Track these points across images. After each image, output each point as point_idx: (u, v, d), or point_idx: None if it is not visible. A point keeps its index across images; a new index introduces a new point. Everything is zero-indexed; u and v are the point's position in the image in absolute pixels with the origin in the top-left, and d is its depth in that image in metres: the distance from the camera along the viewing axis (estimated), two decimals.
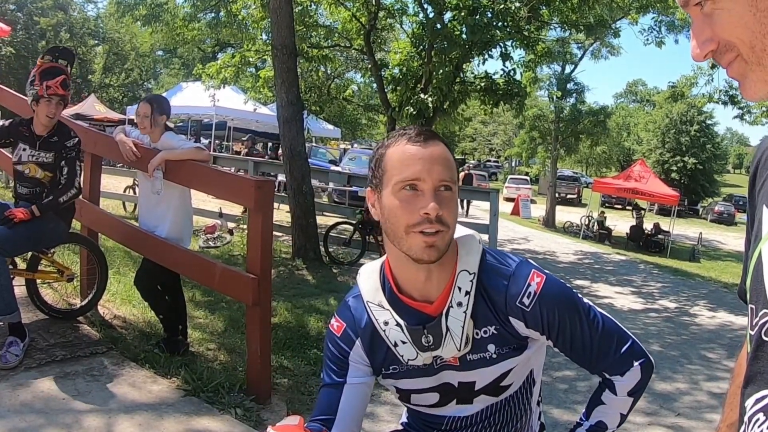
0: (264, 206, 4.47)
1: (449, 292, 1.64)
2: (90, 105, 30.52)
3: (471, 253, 1.68)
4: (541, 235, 24.79)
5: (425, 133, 1.62)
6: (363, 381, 1.79)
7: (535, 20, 15.39)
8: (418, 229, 1.54)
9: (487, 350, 1.69)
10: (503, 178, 53.24)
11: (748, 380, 0.98)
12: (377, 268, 1.78)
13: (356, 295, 1.80)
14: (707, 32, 0.95)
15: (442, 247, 1.56)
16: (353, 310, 1.79)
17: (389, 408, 4.75)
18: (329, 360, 1.82)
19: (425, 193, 1.54)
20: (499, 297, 1.65)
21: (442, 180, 1.56)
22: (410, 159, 1.56)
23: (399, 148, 1.60)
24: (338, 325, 1.80)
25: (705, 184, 54.40)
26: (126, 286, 6.53)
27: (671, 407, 5.77)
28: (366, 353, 1.77)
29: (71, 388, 4.14)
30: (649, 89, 69.07)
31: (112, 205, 13.04)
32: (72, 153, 4.76)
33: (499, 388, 1.77)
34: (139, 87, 56.39)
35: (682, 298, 13.15)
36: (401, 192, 1.56)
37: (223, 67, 16.17)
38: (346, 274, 10.05)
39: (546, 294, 1.64)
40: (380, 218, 1.64)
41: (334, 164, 25.29)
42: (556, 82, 30.24)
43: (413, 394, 1.82)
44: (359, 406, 1.79)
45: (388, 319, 1.68)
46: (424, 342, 1.65)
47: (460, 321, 1.62)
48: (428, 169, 1.55)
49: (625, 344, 1.70)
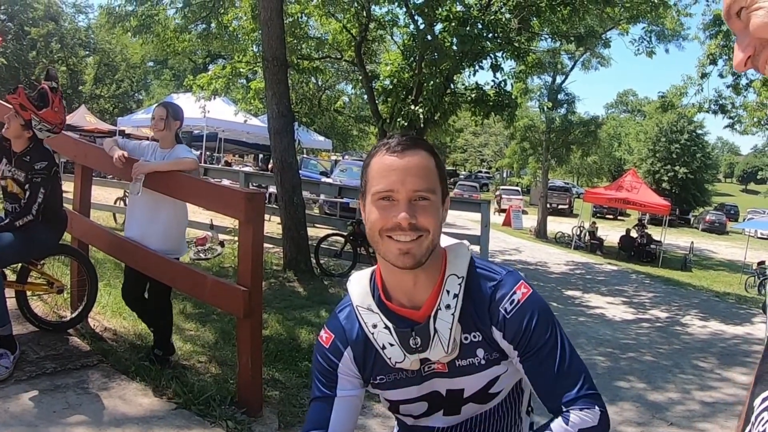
0: (255, 218, 4.46)
1: (437, 296, 1.65)
2: (80, 116, 30.48)
3: (459, 257, 1.70)
4: (532, 245, 24.85)
5: (404, 143, 1.63)
6: (352, 394, 1.78)
7: (525, 31, 15.44)
8: (393, 235, 1.57)
9: (476, 355, 1.69)
10: (494, 189, 53.42)
11: (757, 380, 0.99)
12: (368, 275, 1.79)
13: (346, 305, 1.80)
14: (745, 40, 0.98)
15: (419, 254, 1.58)
16: (343, 321, 1.79)
17: (381, 420, 4.73)
18: (318, 372, 1.82)
19: (400, 203, 1.57)
20: (484, 301, 1.66)
21: (415, 191, 1.57)
22: (386, 170, 1.59)
23: (378, 159, 1.62)
24: (327, 336, 1.81)
25: (696, 193, 54.66)
26: (116, 298, 6.50)
27: (663, 417, 5.77)
28: (355, 363, 1.77)
29: (62, 400, 4.12)
30: (640, 99, 69.70)
31: (103, 217, 13.02)
32: (38, 177, 4.60)
33: (487, 395, 1.77)
34: (129, 98, 56.41)
35: (673, 307, 13.20)
36: (378, 202, 1.59)
37: (214, 78, 16.15)
38: (337, 285, 10.03)
39: (528, 305, 1.64)
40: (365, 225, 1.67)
41: (325, 176, 25.32)
42: (546, 92, 30.45)
43: (401, 405, 1.81)
44: (350, 419, 1.78)
45: (377, 322, 1.69)
46: (412, 344, 1.65)
47: (447, 323, 1.63)
48: (402, 180, 1.57)
49: (591, 386, 1.64)
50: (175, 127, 5.15)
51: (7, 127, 4.60)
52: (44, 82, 4.73)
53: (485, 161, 71.28)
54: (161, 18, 15.98)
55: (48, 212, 4.73)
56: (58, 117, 4.73)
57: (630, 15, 16.06)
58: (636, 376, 7.07)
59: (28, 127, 4.60)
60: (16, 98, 4.53)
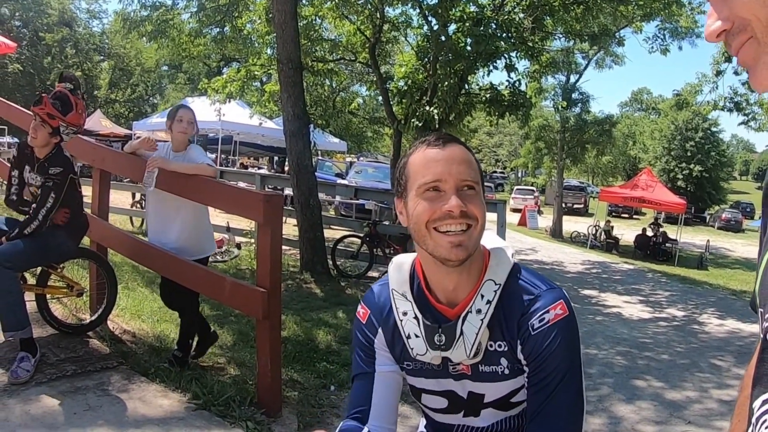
0: (273, 220, 4.47)
1: (471, 298, 1.64)
2: (96, 120, 30.69)
3: (501, 265, 1.68)
4: (548, 245, 24.77)
5: (444, 137, 1.64)
6: (392, 369, 1.79)
7: (539, 31, 15.43)
8: (442, 227, 1.55)
9: (500, 364, 1.67)
10: (509, 189, 53.22)
11: (756, 381, 0.97)
12: (409, 261, 1.79)
13: (384, 282, 1.81)
14: (724, 11, 0.92)
15: (470, 245, 1.57)
16: (378, 297, 1.80)
17: (417, 407, 4.74)
18: (358, 347, 1.82)
19: (447, 192, 1.56)
20: (516, 313, 1.63)
21: (463, 179, 1.57)
22: (431, 162, 1.59)
23: (419, 154, 1.63)
24: (363, 311, 1.82)
25: (711, 191, 54.30)
26: (135, 300, 6.55)
27: (681, 415, 5.76)
28: (387, 343, 1.78)
29: (82, 402, 4.15)
30: (654, 97, 69.21)
31: (120, 220, 13.09)
32: (50, 182, 4.59)
33: (508, 404, 1.76)
34: (144, 102, 56.70)
35: (690, 306, 13.13)
36: (425, 194, 1.58)
37: (229, 81, 16.22)
38: (354, 287, 10.05)
39: (556, 328, 1.59)
40: (408, 223, 1.66)
41: (341, 177, 25.31)
42: (561, 92, 30.28)
43: (423, 394, 1.82)
44: (392, 394, 1.79)
45: (408, 310, 1.69)
46: (437, 340, 1.65)
47: (475, 328, 1.62)
48: (448, 170, 1.57)
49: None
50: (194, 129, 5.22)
51: (33, 137, 4.59)
52: (59, 84, 4.75)
53: (500, 161, 71.15)
54: (176, 22, 16.10)
55: (67, 218, 4.77)
56: (82, 118, 4.78)
57: (643, 13, 16.02)
58: (653, 375, 7.05)
59: (55, 134, 4.63)
60: (43, 108, 4.56)
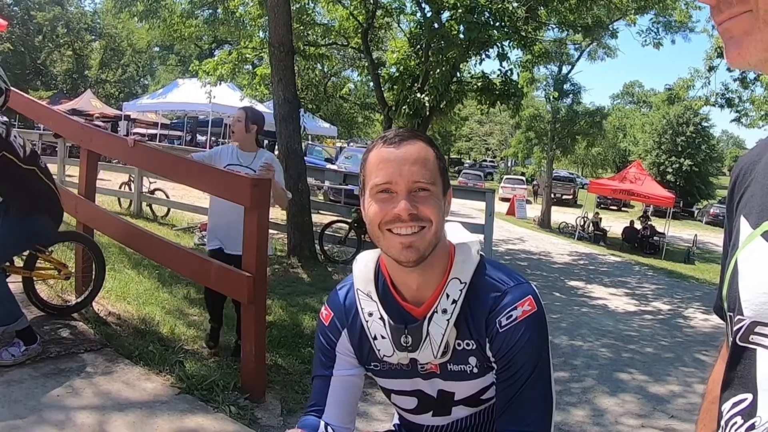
0: (260, 204, 4.44)
1: (437, 297, 1.61)
2: (86, 101, 30.56)
3: (467, 262, 1.65)
4: (536, 235, 24.81)
5: (401, 135, 1.59)
6: (351, 373, 1.78)
7: (532, 20, 15.42)
8: (393, 229, 1.53)
9: (468, 363, 1.66)
10: (498, 178, 53.27)
11: (725, 385, 0.97)
12: (375, 259, 1.75)
13: (347, 284, 1.78)
14: None
15: (422, 247, 1.53)
16: (342, 300, 1.77)
17: (382, 407, 4.74)
18: (319, 350, 1.81)
19: (398, 194, 1.52)
20: (484, 311, 1.62)
21: (415, 181, 1.53)
22: (383, 162, 1.55)
23: (375, 153, 1.59)
24: (327, 313, 1.80)
25: (700, 186, 54.39)
26: (121, 282, 6.52)
27: (665, 409, 5.78)
28: (352, 345, 1.75)
29: (65, 384, 4.13)
30: (646, 91, 69.31)
31: (108, 201, 13.03)
32: None
33: (479, 400, 1.75)
34: (135, 83, 56.44)
35: (676, 300, 13.18)
36: (377, 195, 1.55)
37: (220, 64, 16.14)
38: (341, 272, 10.05)
39: (524, 325, 1.57)
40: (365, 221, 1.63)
41: (330, 162, 25.31)
42: (552, 82, 30.32)
43: (393, 394, 1.82)
44: (349, 396, 1.78)
45: (373, 311, 1.67)
46: (403, 342, 1.63)
47: (441, 328, 1.59)
48: (399, 171, 1.52)
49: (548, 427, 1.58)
50: (253, 130, 5.27)
51: None
52: None
53: (490, 150, 71.17)
54: (168, 3, 16.04)
55: (40, 202, 4.62)
56: None
57: (638, 6, 16.03)
58: (638, 368, 7.07)
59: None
60: None
